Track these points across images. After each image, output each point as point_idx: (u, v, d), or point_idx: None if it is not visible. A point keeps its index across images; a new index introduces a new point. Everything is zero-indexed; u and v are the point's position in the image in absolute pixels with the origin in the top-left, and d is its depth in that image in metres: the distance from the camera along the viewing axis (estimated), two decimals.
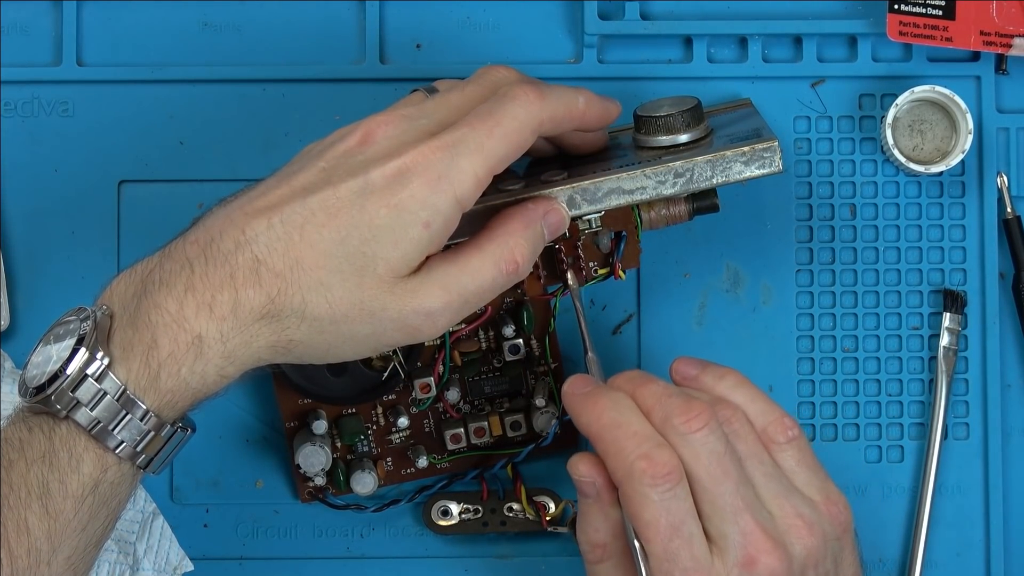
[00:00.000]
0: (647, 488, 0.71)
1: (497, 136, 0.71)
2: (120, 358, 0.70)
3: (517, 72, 0.75)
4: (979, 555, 0.85)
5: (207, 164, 0.85)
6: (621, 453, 0.72)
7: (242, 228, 0.70)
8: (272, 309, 0.70)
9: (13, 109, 0.85)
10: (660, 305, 0.85)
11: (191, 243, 0.71)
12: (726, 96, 0.85)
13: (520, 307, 0.82)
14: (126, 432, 0.70)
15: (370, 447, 0.84)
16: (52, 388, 0.70)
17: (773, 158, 0.77)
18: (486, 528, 0.84)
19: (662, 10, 0.85)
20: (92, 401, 0.69)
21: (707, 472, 0.71)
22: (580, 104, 0.74)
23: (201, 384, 0.70)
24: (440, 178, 0.70)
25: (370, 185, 0.70)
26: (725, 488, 0.71)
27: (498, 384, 0.84)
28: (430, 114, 0.72)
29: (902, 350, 0.85)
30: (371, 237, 0.70)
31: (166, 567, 0.82)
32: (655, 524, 0.71)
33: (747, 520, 0.71)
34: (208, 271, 0.70)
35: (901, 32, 0.83)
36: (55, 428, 0.70)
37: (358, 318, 0.71)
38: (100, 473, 0.70)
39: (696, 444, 0.72)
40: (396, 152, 0.70)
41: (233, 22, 0.86)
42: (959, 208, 0.85)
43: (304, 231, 0.70)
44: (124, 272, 0.72)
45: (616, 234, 0.80)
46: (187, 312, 0.69)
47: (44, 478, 0.69)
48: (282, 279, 0.70)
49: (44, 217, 0.85)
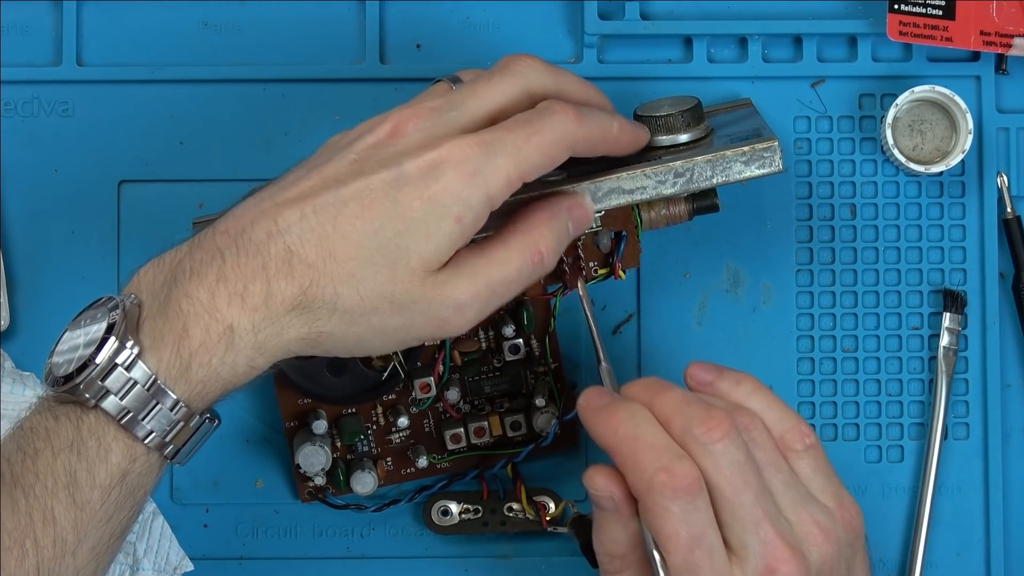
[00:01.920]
0: (667, 501, 0.70)
1: (534, 144, 0.71)
2: (150, 347, 0.69)
3: (541, 60, 0.75)
4: (979, 555, 0.85)
5: (207, 164, 0.85)
6: (640, 466, 0.71)
7: (274, 218, 0.70)
8: (304, 300, 0.70)
9: (13, 109, 0.85)
10: (660, 305, 0.85)
11: (221, 233, 0.70)
12: (726, 96, 0.85)
13: (520, 307, 0.82)
14: (155, 422, 0.69)
15: (370, 447, 0.84)
16: (81, 377, 0.69)
17: (773, 158, 0.77)
18: (486, 528, 0.84)
19: (662, 10, 0.85)
20: (122, 390, 0.69)
21: (728, 482, 0.71)
22: (615, 130, 0.74)
23: (231, 375, 0.70)
24: (474, 174, 0.70)
25: (404, 177, 0.70)
26: (746, 498, 0.71)
27: (498, 384, 0.84)
28: (458, 106, 0.72)
29: (902, 350, 0.85)
30: (404, 229, 0.69)
31: (166, 567, 0.82)
32: (676, 536, 0.70)
33: (767, 529, 0.71)
34: (240, 261, 0.70)
35: (901, 32, 0.83)
36: (83, 417, 0.69)
37: (388, 311, 0.70)
38: (128, 463, 0.70)
39: (717, 454, 0.71)
40: (429, 145, 0.70)
41: (233, 22, 0.86)
42: (959, 208, 0.85)
43: (337, 222, 0.69)
44: (152, 261, 0.72)
45: (616, 234, 0.80)
46: (219, 302, 0.69)
47: (72, 467, 0.69)
48: (315, 270, 0.69)
49: (44, 217, 0.85)
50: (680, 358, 0.85)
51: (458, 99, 0.72)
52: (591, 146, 0.73)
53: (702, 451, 0.71)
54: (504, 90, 0.73)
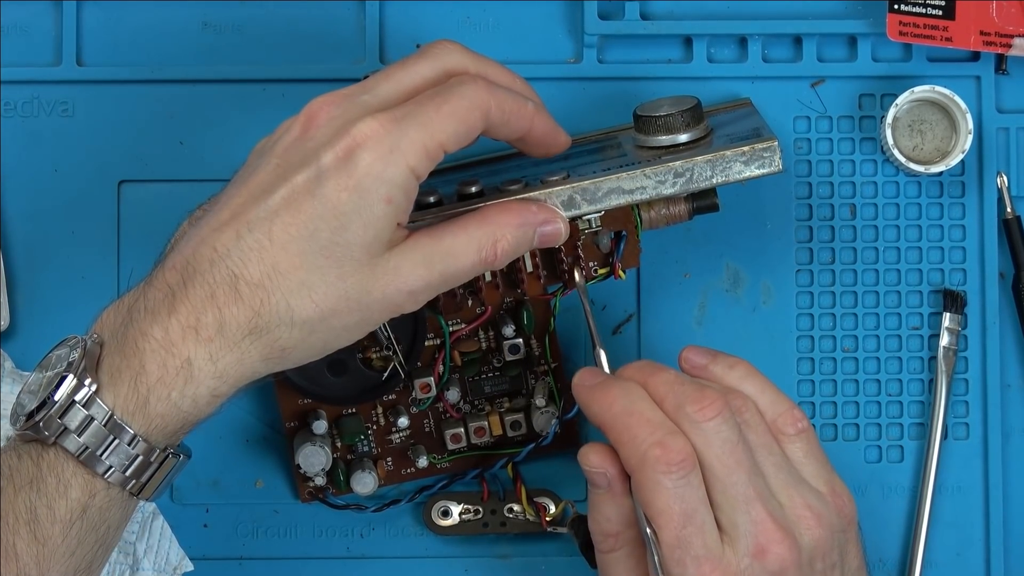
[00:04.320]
0: (660, 475, 0.71)
1: (445, 112, 0.70)
2: (108, 384, 0.69)
3: (461, 46, 0.74)
4: (979, 555, 0.85)
5: (207, 164, 0.85)
6: (634, 441, 0.71)
7: (212, 244, 0.69)
8: (259, 323, 0.69)
9: (13, 109, 0.85)
10: (660, 305, 0.85)
11: (169, 269, 0.70)
12: (726, 96, 0.85)
13: (520, 307, 0.82)
14: (114, 457, 0.69)
15: (370, 447, 0.84)
16: (40, 415, 0.70)
17: (773, 158, 0.77)
18: (486, 529, 0.84)
19: (662, 10, 0.85)
20: (80, 427, 0.69)
21: (720, 461, 0.71)
22: (530, 107, 0.73)
23: (193, 407, 0.70)
24: (392, 151, 0.69)
25: (323, 171, 0.69)
26: (737, 477, 0.71)
27: (498, 384, 0.84)
28: (371, 89, 0.71)
29: (902, 350, 0.85)
30: (339, 225, 0.69)
31: (166, 567, 0.82)
32: (668, 511, 0.71)
33: (758, 510, 0.71)
34: (188, 293, 0.69)
35: (901, 32, 0.83)
36: (43, 454, 0.70)
37: (345, 309, 0.70)
38: (88, 498, 0.70)
39: (709, 432, 0.71)
40: (343, 131, 0.69)
41: (233, 22, 0.86)
42: (959, 208, 0.85)
43: (273, 234, 0.69)
44: (114, 303, 0.72)
45: (616, 234, 0.80)
46: (173, 337, 0.69)
47: (32, 504, 0.69)
48: (263, 289, 0.69)
49: (44, 217, 0.85)
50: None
51: (370, 83, 0.72)
52: (506, 118, 0.72)
53: (695, 429, 0.71)
54: (419, 71, 0.72)
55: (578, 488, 0.84)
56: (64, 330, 0.84)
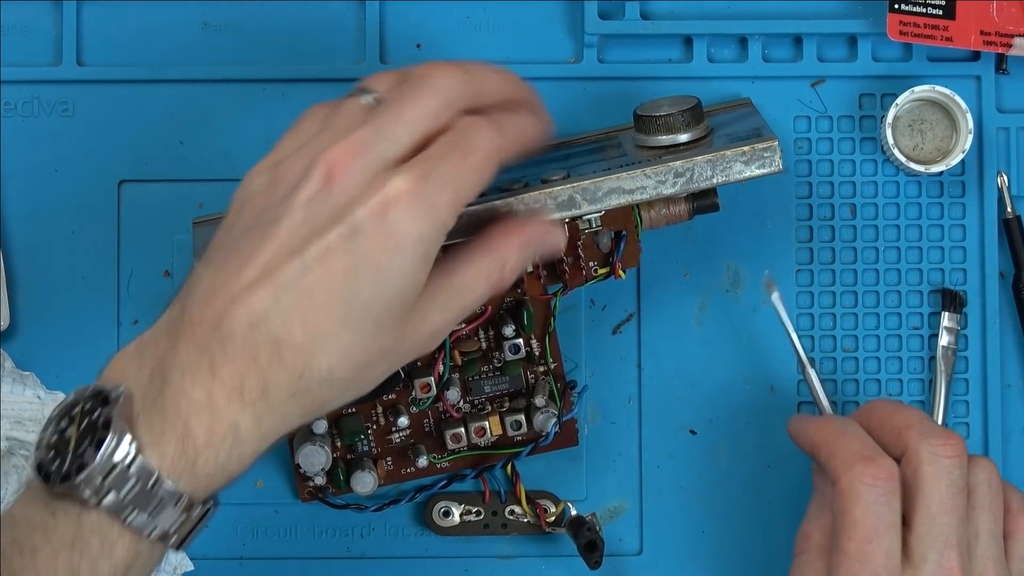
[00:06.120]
0: (862, 486, 0.72)
1: (469, 166, 0.70)
2: (151, 444, 0.67)
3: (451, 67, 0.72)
4: None
5: (207, 164, 0.85)
6: (846, 451, 0.74)
7: (248, 305, 0.68)
8: (301, 386, 0.68)
9: (13, 109, 0.85)
10: (660, 305, 0.85)
11: (199, 323, 0.68)
12: (726, 96, 0.85)
13: (520, 307, 0.82)
14: (162, 518, 0.68)
15: (370, 447, 0.84)
16: (80, 477, 0.67)
17: (773, 157, 0.77)
18: (487, 530, 0.84)
19: (662, 10, 0.85)
20: (124, 488, 0.67)
21: (940, 496, 0.73)
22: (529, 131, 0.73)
23: (239, 466, 0.69)
24: (429, 210, 0.68)
25: (359, 228, 0.68)
26: (948, 519, 0.73)
27: (498, 384, 0.84)
28: (387, 136, 0.70)
29: (902, 350, 0.85)
30: (380, 283, 0.68)
31: (166, 567, 0.82)
32: (860, 523, 0.72)
33: (952, 558, 0.73)
34: (228, 356, 0.67)
35: (901, 32, 0.83)
36: (83, 514, 0.67)
37: (379, 361, 0.70)
38: (133, 557, 0.68)
39: (943, 467, 0.73)
40: (374, 187, 0.68)
41: (233, 22, 0.86)
42: (959, 208, 0.85)
43: (314, 296, 0.68)
44: (130, 349, 0.70)
45: (616, 234, 0.80)
46: (218, 400, 0.67)
47: (74, 565, 0.67)
48: (306, 352, 0.68)
49: (44, 217, 0.85)
50: (680, 358, 0.85)
51: (385, 128, 0.70)
52: (514, 152, 0.72)
53: (931, 459, 0.74)
54: (427, 110, 0.71)
55: (578, 488, 0.84)
56: (64, 330, 0.84)
